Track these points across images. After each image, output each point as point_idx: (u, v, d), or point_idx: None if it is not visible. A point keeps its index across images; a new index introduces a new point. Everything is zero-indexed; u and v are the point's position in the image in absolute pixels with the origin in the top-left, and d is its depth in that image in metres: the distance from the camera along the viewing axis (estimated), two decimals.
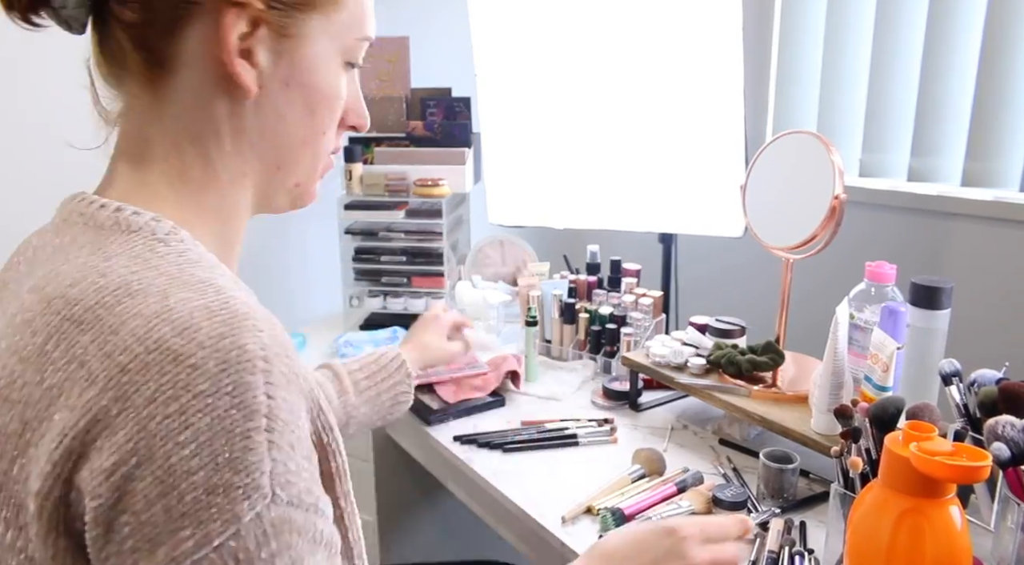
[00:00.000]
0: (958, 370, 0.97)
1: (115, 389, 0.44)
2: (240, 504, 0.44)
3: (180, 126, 0.57)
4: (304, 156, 0.63)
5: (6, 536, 0.46)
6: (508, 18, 1.63)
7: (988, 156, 1.42)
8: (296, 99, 0.59)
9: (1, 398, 0.48)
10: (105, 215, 0.54)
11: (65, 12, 0.53)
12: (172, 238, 0.54)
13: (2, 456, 0.47)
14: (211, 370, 0.45)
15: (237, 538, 0.44)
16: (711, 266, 1.86)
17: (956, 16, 1.43)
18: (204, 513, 0.43)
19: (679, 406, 1.34)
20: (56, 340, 0.47)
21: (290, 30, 0.57)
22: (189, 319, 0.46)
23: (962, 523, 0.72)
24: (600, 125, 1.61)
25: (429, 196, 1.71)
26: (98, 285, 0.48)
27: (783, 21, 1.73)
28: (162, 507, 0.43)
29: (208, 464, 0.43)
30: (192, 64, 0.56)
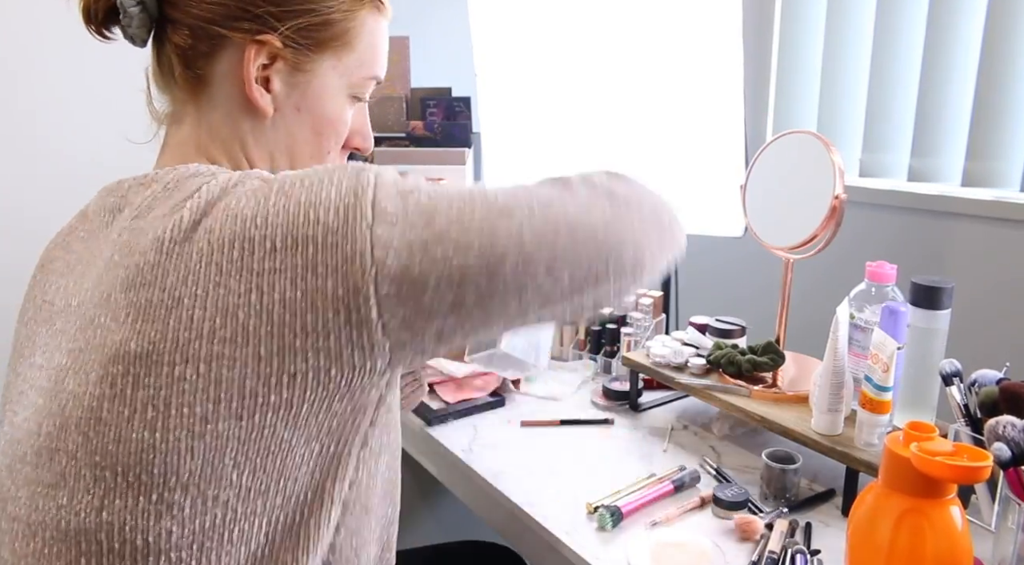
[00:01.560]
0: (959, 370, 0.97)
1: (231, 221, 0.56)
2: (361, 172, 0.58)
3: (215, 131, 0.70)
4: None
5: (172, 374, 0.55)
6: (508, 18, 1.63)
7: (988, 156, 1.42)
8: (306, 122, 0.72)
9: (136, 285, 0.57)
10: (163, 172, 0.65)
11: (130, 30, 0.67)
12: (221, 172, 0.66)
13: (155, 320, 0.56)
14: (266, 176, 0.62)
15: (380, 176, 0.58)
16: (711, 266, 1.86)
17: (956, 16, 1.43)
18: (346, 182, 0.58)
19: (679, 406, 1.33)
20: (162, 227, 0.58)
21: (304, 66, 0.69)
22: (262, 174, 0.63)
23: (963, 523, 0.72)
24: (600, 125, 1.60)
25: None
26: (217, 189, 0.60)
27: (783, 21, 1.72)
28: (314, 219, 0.56)
29: (323, 179, 0.58)
30: (224, 84, 0.69)
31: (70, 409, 0.57)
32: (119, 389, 0.56)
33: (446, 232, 0.55)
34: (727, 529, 0.97)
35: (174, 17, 0.67)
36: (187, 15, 0.66)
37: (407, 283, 0.54)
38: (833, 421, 1.01)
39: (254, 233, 0.55)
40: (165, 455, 0.55)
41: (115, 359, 0.56)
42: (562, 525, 0.99)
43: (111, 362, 0.56)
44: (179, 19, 0.67)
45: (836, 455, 0.99)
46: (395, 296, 0.55)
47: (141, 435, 0.55)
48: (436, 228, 0.55)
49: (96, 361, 0.57)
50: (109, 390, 0.56)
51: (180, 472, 0.55)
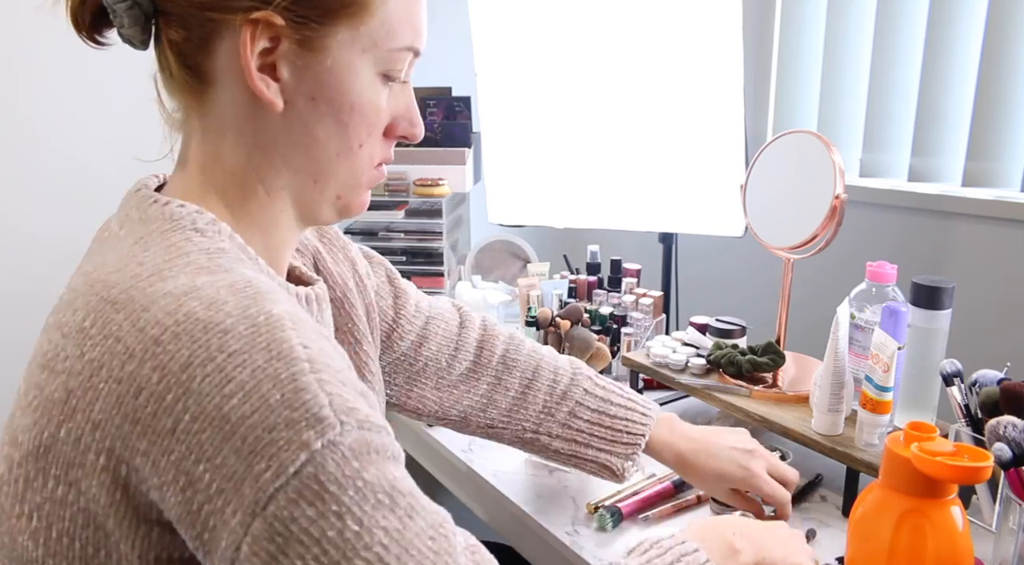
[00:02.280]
0: (959, 370, 0.97)
1: (152, 360, 0.47)
2: (306, 433, 0.45)
3: (221, 139, 0.60)
4: (340, 169, 0.62)
5: (56, 491, 0.49)
6: (508, 17, 1.62)
7: (989, 156, 1.42)
8: (325, 113, 0.59)
9: (48, 369, 0.51)
10: (155, 210, 0.57)
11: (124, 31, 0.57)
12: (210, 229, 0.57)
13: (49, 420, 0.49)
14: (242, 333, 0.47)
15: (313, 463, 0.45)
16: (711, 266, 1.86)
17: (957, 15, 1.43)
18: (272, 447, 0.45)
19: (679, 406, 1.33)
20: (93, 318, 0.50)
21: (313, 44, 0.57)
22: (216, 294, 0.49)
23: (964, 524, 0.72)
24: (600, 124, 1.60)
25: (429, 196, 1.71)
26: (134, 272, 0.52)
27: (783, 21, 1.72)
28: (230, 450, 0.45)
29: (260, 407, 0.45)
30: (226, 79, 0.58)
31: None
32: (13, 478, 0.50)
33: None
34: None
35: (166, 9, 0.57)
36: (177, 3, 0.56)
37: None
38: (834, 421, 1.01)
39: (166, 398, 0.46)
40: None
41: (14, 442, 0.51)
42: (562, 526, 0.99)
43: (11, 443, 0.51)
44: (171, 10, 0.56)
45: (836, 455, 0.99)
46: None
47: (26, 544, 0.49)
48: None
49: (7, 433, 0.52)
50: (7, 474, 0.51)
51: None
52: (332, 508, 0.45)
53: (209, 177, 0.61)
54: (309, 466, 0.45)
